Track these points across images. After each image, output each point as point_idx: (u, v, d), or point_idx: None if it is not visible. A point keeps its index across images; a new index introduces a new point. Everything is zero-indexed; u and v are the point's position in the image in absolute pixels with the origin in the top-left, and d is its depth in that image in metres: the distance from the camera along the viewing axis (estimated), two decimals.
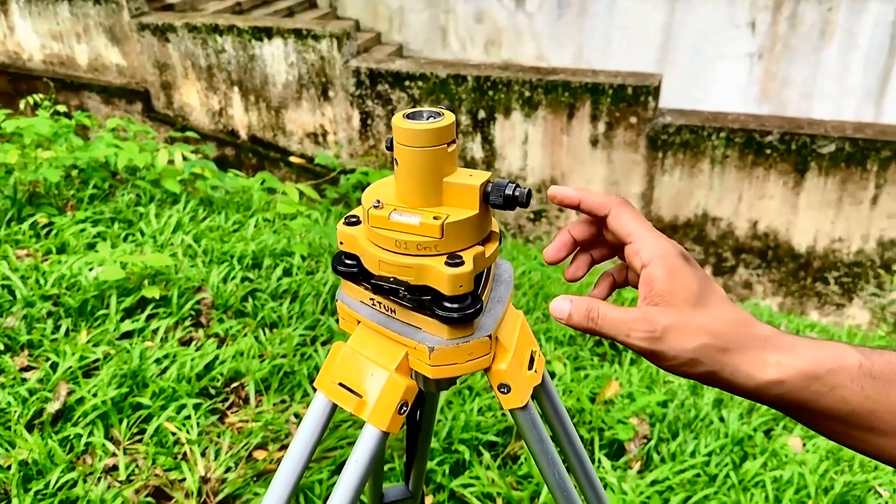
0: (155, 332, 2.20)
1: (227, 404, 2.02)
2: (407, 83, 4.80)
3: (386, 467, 1.72)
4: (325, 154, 5.06)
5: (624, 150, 4.44)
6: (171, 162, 3.29)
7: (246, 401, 2.04)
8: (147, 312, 2.26)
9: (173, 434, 1.84)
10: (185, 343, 2.21)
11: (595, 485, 0.72)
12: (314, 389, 0.66)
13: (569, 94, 4.41)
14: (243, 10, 6.12)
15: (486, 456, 1.86)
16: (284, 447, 1.89)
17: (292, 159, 5.41)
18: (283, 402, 2.04)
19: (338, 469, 1.78)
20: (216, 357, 2.13)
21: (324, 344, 2.28)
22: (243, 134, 5.59)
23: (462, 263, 0.58)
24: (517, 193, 0.58)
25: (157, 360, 2.06)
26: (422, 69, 4.77)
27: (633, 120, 4.35)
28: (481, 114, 4.68)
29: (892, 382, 0.50)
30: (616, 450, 2.03)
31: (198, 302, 2.39)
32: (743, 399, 2.39)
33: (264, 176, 3.67)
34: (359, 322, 0.65)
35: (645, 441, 2.07)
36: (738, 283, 4.65)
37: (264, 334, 2.29)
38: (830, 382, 0.50)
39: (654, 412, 2.16)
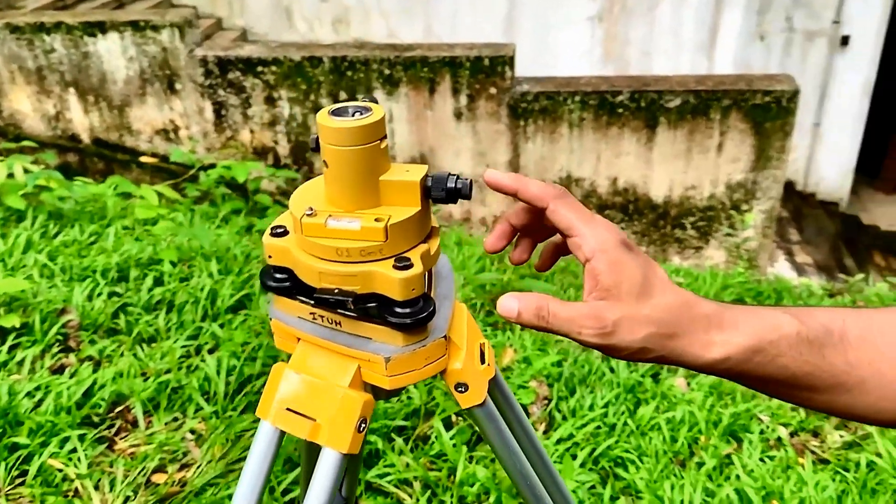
0: (21, 363, 2.02)
1: (114, 430, 1.89)
2: (260, 69, 4.62)
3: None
4: (179, 150, 4.79)
5: (487, 120, 4.50)
6: (10, 176, 3.01)
7: (134, 424, 1.91)
8: (8, 343, 2.06)
9: (60, 470, 1.70)
10: (58, 371, 2.04)
11: (552, 471, 0.72)
12: (256, 411, 0.61)
13: (428, 70, 4.41)
14: (68, 5, 5.65)
15: (398, 441, 1.84)
16: (185, 466, 1.80)
17: (143, 159, 5.08)
18: (175, 419, 1.93)
19: None
20: (94, 382, 1.98)
21: (210, 352, 2.18)
22: (85, 137, 5.19)
23: (411, 266, 0.55)
24: (460, 185, 0.56)
25: (29, 394, 1.88)
26: (274, 53, 4.60)
27: (493, 90, 4.41)
28: (342, 95, 4.59)
29: (826, 345, 0.55)
30: None
31: (63, 325, 2.21)
32: None
33: (116, 181, 3.43)
34: (299, 339, 0.61)
35: (546, 402, 2.13)
36: None
37: (143, 350, 2.16)
38: (772, 352, 0.54)
39: (551, 373, 2.23)
